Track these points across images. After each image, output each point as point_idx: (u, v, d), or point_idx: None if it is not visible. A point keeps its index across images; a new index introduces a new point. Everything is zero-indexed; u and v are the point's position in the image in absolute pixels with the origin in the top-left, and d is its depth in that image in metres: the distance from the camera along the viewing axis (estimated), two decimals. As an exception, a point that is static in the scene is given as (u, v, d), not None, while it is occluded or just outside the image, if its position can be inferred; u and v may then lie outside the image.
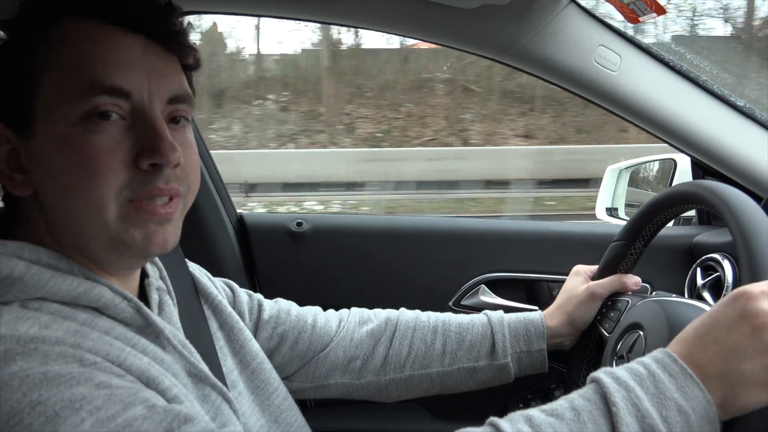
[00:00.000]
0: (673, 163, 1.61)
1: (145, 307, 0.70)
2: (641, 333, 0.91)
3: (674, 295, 1.01)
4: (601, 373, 0.66)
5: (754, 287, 0.66)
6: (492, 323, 1.07)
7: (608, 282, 1.08)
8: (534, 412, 0.65)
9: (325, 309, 1.13)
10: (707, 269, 1.30)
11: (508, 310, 1.44)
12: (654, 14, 1.08)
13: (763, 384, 0.62)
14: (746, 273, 0.72)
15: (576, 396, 0.65)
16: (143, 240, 0.67)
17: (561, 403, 0.65)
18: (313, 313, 1.09)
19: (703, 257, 1.31)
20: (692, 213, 1.59)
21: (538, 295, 1.50)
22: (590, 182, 6.57)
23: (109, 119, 0.65)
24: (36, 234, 0.69)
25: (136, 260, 0.73)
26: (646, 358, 0.66)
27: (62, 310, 0.63)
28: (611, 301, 1.08)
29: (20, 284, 0.61)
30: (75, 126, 0.64)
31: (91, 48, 0.66)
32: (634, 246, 1.08)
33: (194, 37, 0.77)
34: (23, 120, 0.66)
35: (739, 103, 1.26)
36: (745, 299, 0.65)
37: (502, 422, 0.64)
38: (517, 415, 0.65)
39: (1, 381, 0.53)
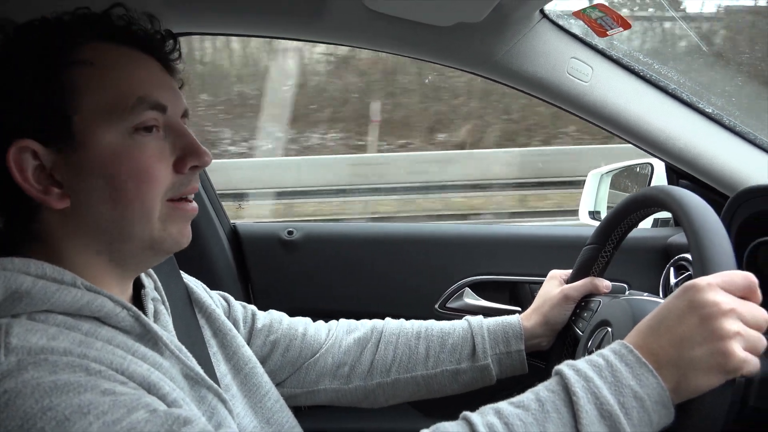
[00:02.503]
0: (651, 168, 1.66)
1: (143, 316, 0.74)
2: (609, 329, 0.96)
3: (646, 294, 1.07)
4: (564, 366, 0.70)
5: (702, 280, 0.70)
6: (472, 327, 1.12)
7: (581, 284, 1.13)
8: (502, 404, 0.70)
9: (315, 313, 1.18)
10: (680, 268, 1.36)
11: (491, 311, 1.51)
12: (620, 28, 1.14)
13: (711, 368, 0.66)
14: (697, 268, 0.76)
15: (541, 388, 0.70)
16: (178, 235, 0.77)
17: (527, 395, 0.70)
18: (303, 323, 1.14)
19: (676, 257, 1.37)
20: (668, 215, 1.65)
21: (520, 296, 1.55)
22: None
23: (151, 131, 0.74)
24: (50, 248, 0.73)
25: (160, 258, 0.81)
26: (605, 350, 0.71)
27: (67, 321, 0.67)
28: (584, 302, 1.13)
29: (28, 298, 0.65)
30: (128, 137, 0.72)
31: (131, 69, 0.74)
32: (605, 249, 1.13)
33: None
34: (62, 136, 0.70)
35: (707, 110, 1.32)
36: (693, 291, 0.70)
37: (473, 416, 0.69)
38: (487, 408, 0.70)
39: (15, 389, 0.57)
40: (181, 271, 1.02)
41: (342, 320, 1.18)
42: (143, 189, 0.73)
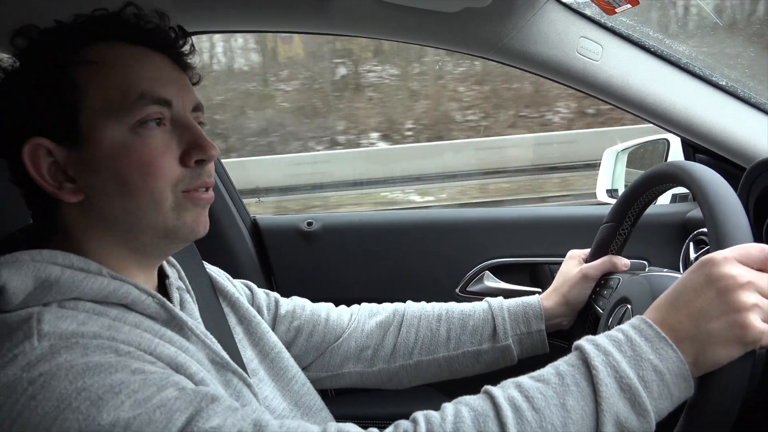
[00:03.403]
0: (667, 143, 1.65)
1: (167, 302, 0.77)
2: (629, 306, 0.97)
3: (666, 270, 1.07)
4: (584, 341, 0.71)
5: (718, 254, 0.71)
6: (492, 308, 1.13)
7: (599, 263, 1.14)
8: (523, 378, 0.71)
9: (337, 301, 1.20)
10: (699, 243, 1.35)
11: (511, 293, 1.52)
12: (628, 5, 1.13)
13: (730, 341, 0.67)
14: (712, 242, 0.76)
15: (561, 362, 0.71)
16: (193, 223, 0.79)
17: (548, 370, 0.71)
18: (326, 308, 1.16)
19: (695, 232, 1.37)
20: (687, 190, 1.64)
21: (540, 277, 1.56)
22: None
23: (158, 125, 0.76)
24: (74, 240, 0.76)
25: (178, 246, 0.83)
26: (625, 325, 0.72)
27: (95, 307, 0.71)
28: (604, 281, 1.13)
29: (57, 286, 0.68)
30: (132, 132, 0.74)
31: (135, 66, 0.76)
32: (622, 227, 1.13)
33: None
34: (71, 133, 0.73)
35: (720, 83, 1.31)
36: (710, 266, 0.70)
37: (494, 389, 0.70)
38: (508, 382, 0.71)
39: (50, 372, 0.60)
40: (204, 262, 1.04)
41: (364, 304, 1.20)
42: (149, 181, 0.74)
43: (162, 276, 0.88)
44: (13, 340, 0.63)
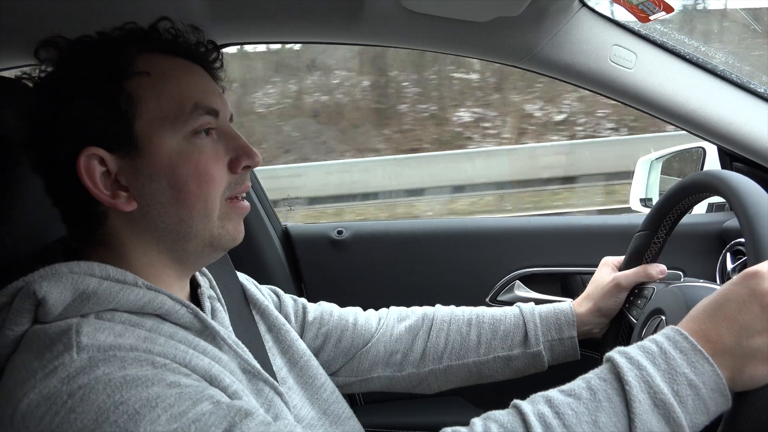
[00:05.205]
0: (703, 152, 1.62)
1: (201, 312, 0.78)
2: (663, 318, 0.95)
3: (701, 281, 1.05)
4: (615, 353, 0.70)
5: (763, 266, 0.69)
6: (524, 313, 1.12)
7: (633, 273, 1.12)
8: (553, 393, 0.69)
9: (366, 310, 1.20)
10: (737, 254, 1.32)
11: (542, 303, 1.50)
12: (663, 12, 1.12)
13: None
14: (750, 253, 0.75)
15: (592, 376, 0.69)
16: (234, 232, 0.82)
17: (578, 383, 0.69)
18: (353, 313, 1.16)
19: (733, 242, 1.34)
20: (723, 199, 1.60)
21: (572, 287, 1.54)
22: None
23: (207, 134, 0.79)
24: (114, 250, 0.78)
25: (218, 254, 0.85)
26: (658, 336, 0.70)
27: (131, 318, 0.72)
28: (638, 290, 1.12)
29: (94, 298, 0.70)
30: (186, 141, 0.77)
31: (186, 77, 0.79)
32: (657, 235, 1.12)
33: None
34: (126, 142, 0.75)
35: (759, 90, 1.28)
36: (756, 279, 0.68)
37: (524, 404, 0.69)
38: (538, 397, 0.70)
39: (88, 385, 0.61)
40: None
41: (392, 308, 1.20)
42: (204, 189, 0.77)
43: (194, 285, 0.90)
44: (53, 352, 0.64)
